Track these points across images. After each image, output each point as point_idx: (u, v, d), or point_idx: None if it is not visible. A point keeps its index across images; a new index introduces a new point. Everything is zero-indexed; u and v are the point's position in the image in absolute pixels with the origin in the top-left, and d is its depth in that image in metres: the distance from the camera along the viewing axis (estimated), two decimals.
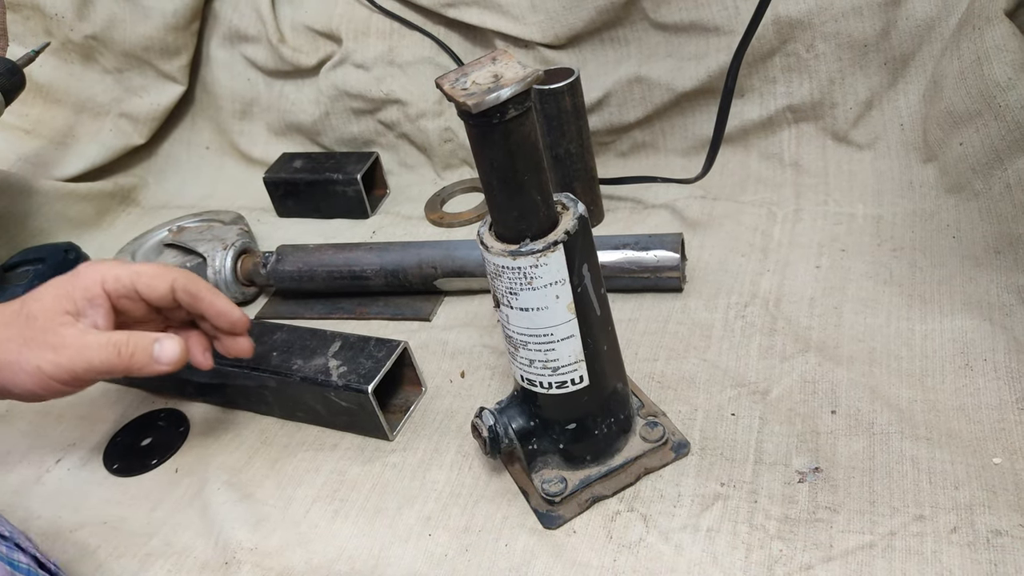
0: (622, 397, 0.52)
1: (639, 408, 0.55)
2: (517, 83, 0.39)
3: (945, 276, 0.61)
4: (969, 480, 0.47)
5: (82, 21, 0.94)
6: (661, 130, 0.82)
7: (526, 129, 0.41)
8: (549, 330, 0.46)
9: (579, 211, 0.45)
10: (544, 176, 0.43)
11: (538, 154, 0.42)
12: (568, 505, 0.51)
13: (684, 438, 0.53)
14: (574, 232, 0.44)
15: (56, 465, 0.65)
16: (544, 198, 0.44)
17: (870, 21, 0.70)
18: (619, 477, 0.52)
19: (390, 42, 0.89)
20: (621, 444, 0.53)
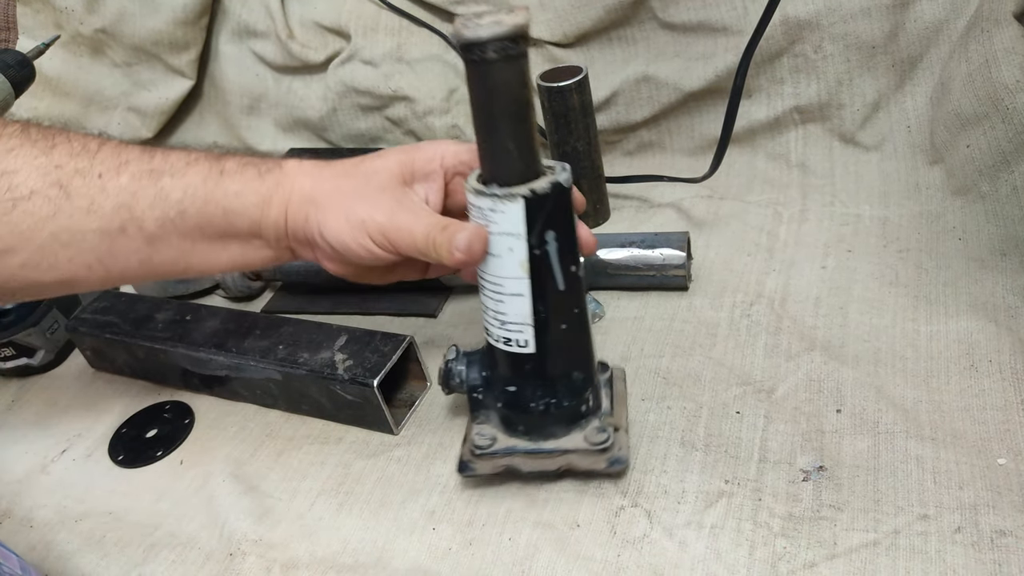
0: (575, 386, 0.51)
1: (602, 413, 0.53)
2: (495, 26, 0.40)
3: (951, 277, 0.61)
4: (973, 480, 0.47)
5: (92, 15, 0.95)
6: (668, 129, 0.82)
7: (506, 75, 0.42)
8: (500, 280, 0.47)
9: (559, 178, 0.45)
10: (523, 128, 0.44)
11: (518, 105, 0.43)
12: (485, 463, 0.52)
13: (626, 457, 0.51)
14: (542, 194, 0.44)
15: (62, 455, 0.65)
16: (520, 150, 0.44)
17: (878, 23, 0.70)
18: (542, 460, 0.52)
19: (398, 39, 0.90)
20: (558, 432, 0.52)
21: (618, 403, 0.55)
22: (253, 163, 0.50)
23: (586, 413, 0.52)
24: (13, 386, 0.74)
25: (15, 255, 0.46)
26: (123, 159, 0.48)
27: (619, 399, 0.55)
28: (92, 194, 0.46)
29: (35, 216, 0.45)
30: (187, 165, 0.49)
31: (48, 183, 0.46)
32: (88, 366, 0.74)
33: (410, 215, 0.48)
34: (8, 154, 0.45)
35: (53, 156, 0.46)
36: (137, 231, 0.48)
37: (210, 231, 0.49)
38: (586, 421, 0.52)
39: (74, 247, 0.47)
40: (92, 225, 0.47)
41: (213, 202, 0.48)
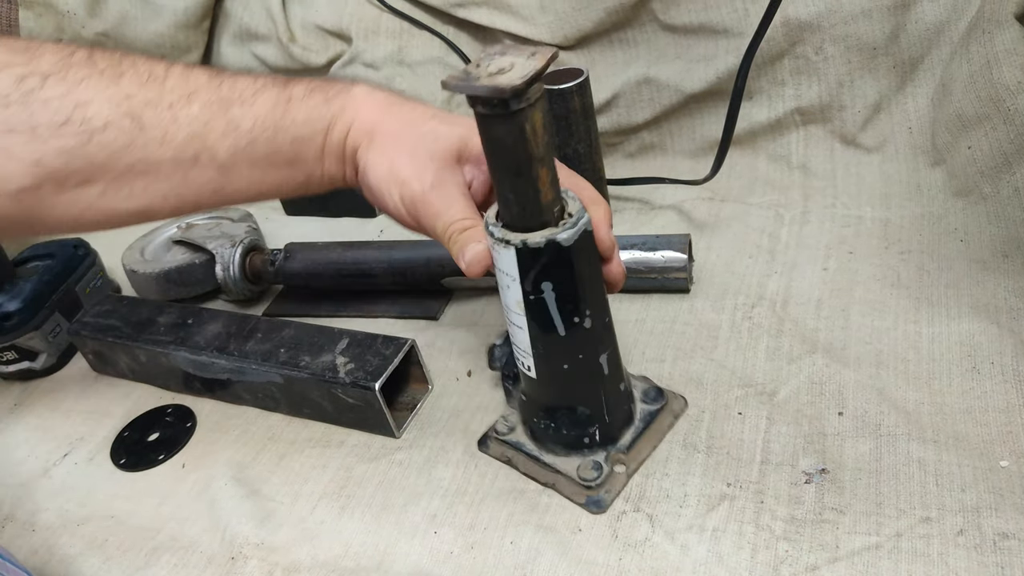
0: (578, 419, 0.52)
1: (615, 447, 0.53)
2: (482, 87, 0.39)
3: (953, 279, 0.61)
4: (976, 483, 0.47)
5: (94, 18, 0.95)
6: (669, 131, 0.82)
7: (499, 131, 0.41)
8: (507, 305, 0.48)
9: (559, 236, 0.44)
10: (521, 182, 0.43)
11: (515, 160, 0.42)
12: (496, 447, 0.56)
13: (606, 502, 0.51)
14: (533, 247, 0.44)
15: (64, 459, 0.65)
16: (518, 202, 0.44)
17: (879, 24, 0.70)
18: (536, 469, 0.54)
19: (400, 42, 0.90)
20: (559, 450, 0.53)
21: (646, 440, 0.54)
22: (321, 88, 0.50)
23: (590, 444, 0.53)
24: (15, 390, 0.74)
25: (93, 185, 0.47)
26: (192, 87, 0.48)
27: (651, 435, 0.54)
28: (165, 125, 0.47)
29: (111, 147, 0.46)
30: (255, 93, 0.49)
31: (121, 113, 0.46)
32: (90, 369, 0.74)
33: (443, 199, 0.48)
34: (79, 84, 0.46)
35: (123, 85, 0.46)
36: (210, 160, 0.48)
37: (279, 159, 0.50)
38: (590, 451, 0.53)
39: (150, 176, 0.48)
40: (167, 155, 0.47)
41: (283, 130, 0.49)
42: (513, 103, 0.40)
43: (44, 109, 0.45)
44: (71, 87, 0.45)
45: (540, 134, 0.41)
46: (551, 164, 0.43)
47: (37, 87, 0.45)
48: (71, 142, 0.45)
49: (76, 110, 0.45)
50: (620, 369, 0.52)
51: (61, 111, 0.45)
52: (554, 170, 0.44)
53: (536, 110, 0.41)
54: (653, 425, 0.54)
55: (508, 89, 0.38)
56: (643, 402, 0.55)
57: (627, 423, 0.54)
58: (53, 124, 0.45)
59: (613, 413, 0.53)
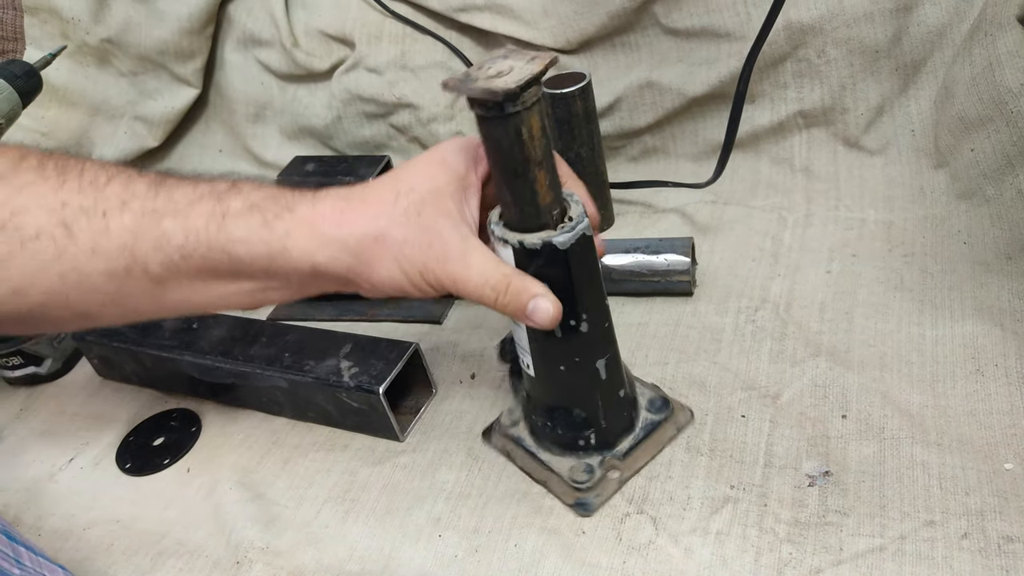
0: (574, 421, 0.52)
1: (612, 452, 0.53)
2: (476, 89, 0.40)
3: (956, 282, 0.61)
4: (980, 486, 0.47)
5: (98, 25, 0.95)
6: (672, 135, 0.82)
7: (496, 132, 0.42)
8: None
9: (555, 240, 0.44)
10: (518, 183, 0.43)
11: (512, 161, 0.42)
12: (498, 439, 0.58)
13: (593, 505, 0.51)
14: (531, 249, 0.45)
15: (69, 464, 0.66)
16: (516, 202, 0.44)
17: (881, 27, 0.70)
18: (532, 465, 0.55)
19: (402, 47, 0.90)
20: (556, 449, 0.54)
21: (644, 449, 0.54)
22: (259, 207, 0.46)
23: (585, 447, 0.53)
24: (21, 395, 0.75)
25: (27, 295, 0.45)
26: (129, 194, 0.45)
27: (650, 445, 0.54)
28: (96, 235, 0.45)
29: (41, 257, 0.44)
30: (190, 204, 0.46)
31: (54, 223, 0.44)
32: (95, 374, 0.75)
33: (476, 268, 0.45)
34: (20, 191, 0.44)
35: (62, 193, 0.45)
36: (142, 273, 0.46)
37: (219, 272, 0.47)
38: (585, 453, 0.53)
39: (83, 287, 0.45)
40: (98, 267, 0.45)
41: (217, 248, 0.45)
42: (508, 106, 0.40)
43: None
44: (12, 193, 0.44)
45: (537, 137, 0.42)
46: (550, 167, 0.43)
47: None
48: (3, 249, 0.43)
49: (12, 217, 0.43)
50: (620, 376, 0.52)
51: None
52: (553, 174, 0.44)
53: (533, 114, 0.41)
54: (654, 435, 0.54)
55: (501, 92, 0.39)
56: (647, 410, 0.55)
57: (627, 430, 0.54)
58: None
59: (610, 419, 0.53)
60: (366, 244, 0.45)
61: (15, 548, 0.46)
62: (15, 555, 0.46)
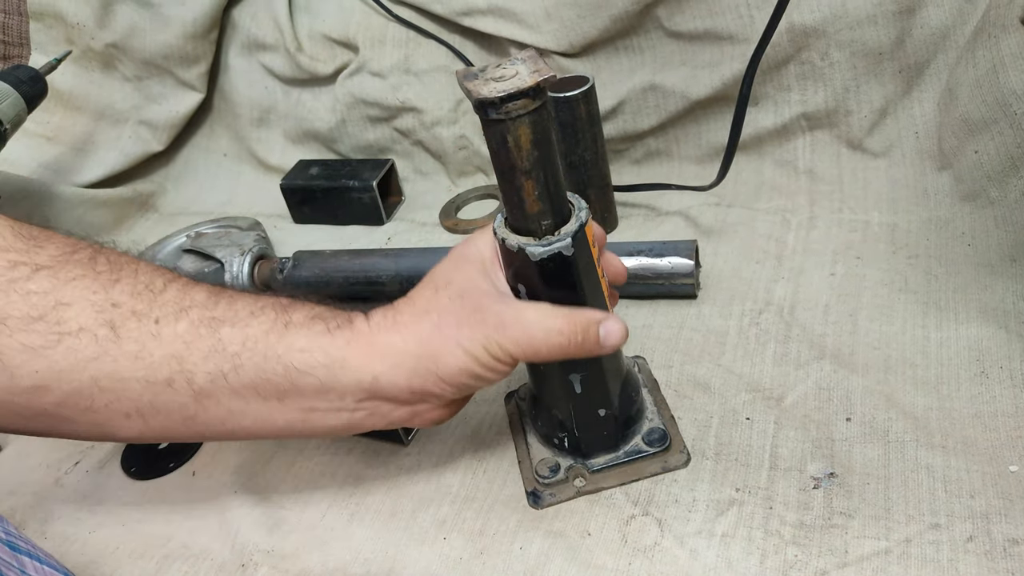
0: (552, 420, 0.53)
1: (581, 461, 0.53)
2: (464, 85, 0.41)
3: (960, 284, 0.61)
4: (985, 489, 0.47)
5: (103, 30, 0.96)
6: (675, 138, 0.83)
7: (492, 133, 0.42)
8: None
9: (530, 249, 0.44)
10: (509, 187, 0.44)
11: (505, 164, 0.43)
12: (510, 407, 0.60)
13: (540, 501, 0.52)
14: (508, 248, 0.45)
15: (75, 467, 0.66)
16: (507, 202, 0.45)
17: (885, 29, 0.70)
18: (519, 441, 0.57)
19: (406, 50, 0.90)
20: (538, 438, 0.56)
21: (619, 473, 0.53)
22: (321, 316, 0.46)
23: (560, 447, 0.54)
24: None
25: (49, 393, 0.43)
26: (186, 303, 0.44)
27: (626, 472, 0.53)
28: (143, 339, 0.43)
29: (78, 355, 0.42)
30: (251, 315, 0.45)
31: (100, 322, 0.43)
32: None
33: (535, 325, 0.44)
34: (68, 284, 0.43)
35: (113, 292, 0.43)
36: (185, 384, 0.44)
37: (266, 389, 0.45)
38: (560, 452, 0.54)
39: (114, 394, 0.44)
40: (137, 373, 0.43)
41: (274, 358, 0.44)
42: (491, 111, 0.40)
43: (22, 301, 0.41)
44: (59, 284, 0.42)
45: (525, 149, 0.42)
46: (541, 179, 0.43)
47: (25, 277, 0.42)
48: (38, 340, 0.41)
49: (55, 309, 0.42)
50: (605, 397, 0.51)
51: (39, 306, 0.42)
52: (547, 186, 0.43)
53: (521, 125, 0.41)
54: (635, 464, 0.53)
55: (474, 98, 0.40)
56: (642, 439, 0.54)
57: (606, 449, 0.53)
58: (26, 318, 0.41)
59: (585, 432, 0.53)
60: (425, 338, 0.45)
61: (19, 559, 0.46)
62: (19, 565, 0.45)
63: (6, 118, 0.76)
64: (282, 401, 0.45)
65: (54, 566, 0.47)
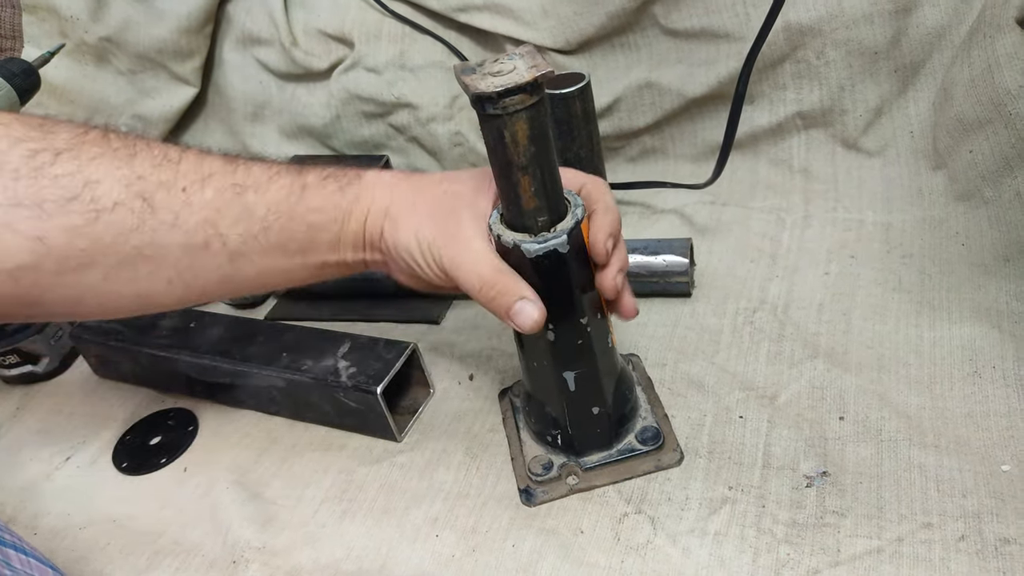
0: (544, 415, 0.53)
1: (574, 458, 0.54)
2: (460, 79, 0.41)
3: (954, 283, 0.61)
4: (977, 488, 0.47)
5: (97, 23, 0.95)
6: (671, 135, 0.82)
7: (487, 127, 0.42)
8: None
9: (525, 245, 0.45)
10: (505, 183, 0.44)
11: (500, 159, 0.43)
12: (505, 402, 0.61)
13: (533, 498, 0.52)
14: (503, 244, 0.46)
15: (66, 463, 0.65)
16: (504, 197, 0.45)
17: (880, 29, 0.70)
18: (512, 437, 0.57)
19: (401, 46, 0.90)
20: (531, 435, 0.56)
21: (611, 471, 0.53)
22: (334, 175, 0.50)
23: (553, 444, 0.54)
24: (17, 393, 0.75)
25: (96, 268, 0.44)
26: (207, 171, 0.47)
27: (619, 470, 0.53)
28: (177, 208, 0.45)
29: (119, 228, 0.44)
30: (270, 180, 0.48)
31: (132, 194, 0.44)
32: (92, 373, 0.74)
33: (471, 256, 0.47)
34: (91, 162, 0.44)
35: (135, 166, 0.45)
36: (221, 247, 0.47)
37: (292, 247, 0.49)
38: (553, 449, 0.54)
39: (156, 261, 0.46)
40: (176, 239, 0.45)
41: (297, 218, 0.48)
42: (488, 106, 0.40)
43: (53, 185, 0.43)
44: (83, 164, 0.44)
45: (522, 144, 0.42)
46: (538, 175, 0.43)
47: (48, 163, 0.43)
48: (77, 220, 0.43)
49: (86, 188, 0.43)
50: (599, 395, 0.51)
51: (70, 188, 0.43)
52: (543, 182, 0.43)
53: (518, 120, 0.41)
54: (628, 462, 0.53)
55: (471, 93, 0.40)
56: (636, 437, 0.54)
57: (599, 447, 0.53)
58: (61, 200, 0.43)
59: (578, 430, 0.53)
60: (402, 208, 0.49)
61: (3, 551, 0.46)
62: (3, 558, 0.45)
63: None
64: (304, 256, 0.50)
65: (40, 559, 0.47)
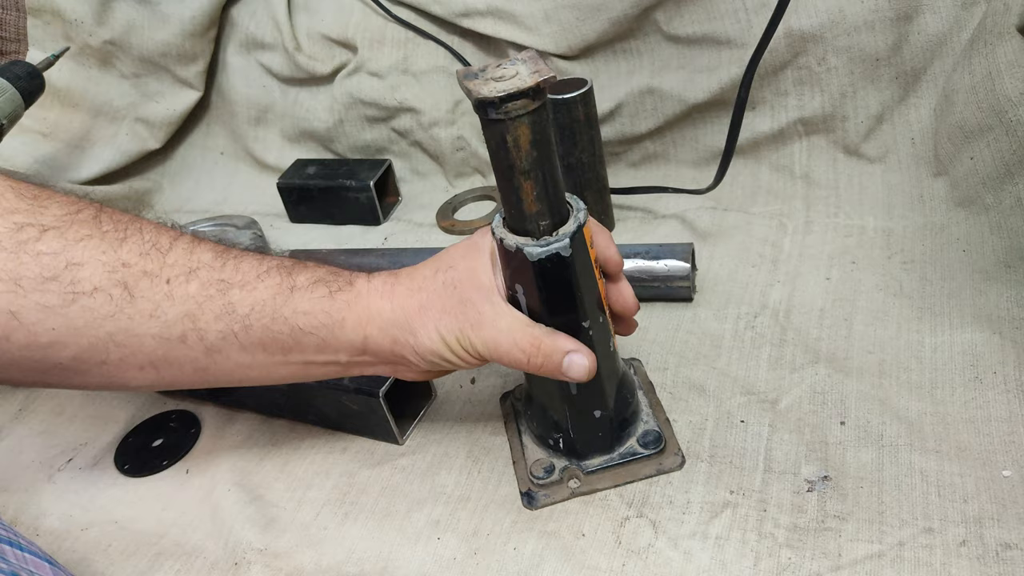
0: (547, 419, 0.53)
1: (577, 462, 0.53)
2: (463, 84, 0.41)
3: (955, 289, 0.61)
4: (978, 493, 0.47)
5: (101, 26, 0.95)
6: (672, 141, 0.83)
7: (489, 132, 0.42)
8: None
9: (528, 248, 0.44)
10: (506, 185, 0.44)
11: (502, 162, 0.43)
12: (506, 407, 0.61)
13: (535, 502, 0.52)
14: (506, 248, 0.45)
15: (68, 464, 0.66)
16: (504, 200, 0.45)
17: (882, 36, 0.71)
18: (513, 441, 0.57)
19: (404, 51, 0.90)
20: (532, 439, 0.56)
21: (613, 475, 0.53)
22: (324, 280, 0.49)
23: (555, 448, 0.54)
24: (20, 395, 0.75)
25: (66, 348, 0.45)
26: (194, 264, 0.47)
27: (621, 473, 0.53)
28: (158, 299, 0.45)
29: (94, 314, 0.44)
30: (258, 277, 0.48)
31: (113, 282, 0.45)
32: None
33: (505, 336, 0.47)
34: (77, 244, 0.44)
35: (121, 252, 0.45)
36: (198, 341, 0.47)
37: (273, 347, 0.48)
38: (555, 453, 0.54)
39: (129, 348, 0.46)
40: (152, 330, 0.46)
41: (281, 320, 0.48)
42: (491, 111, 0.40)
43: (34, 262, 0.43)
44: (68, 244, 0.44)
45: (525, 149, 0.42)
46: (540, 180, 0.43)
47: (34, 239, 0.43)
48: (54, 300, 0.43)
49: (67, 269, 0.44)
50: (601, 398, 0.52)
51: (51, 267, 0.43)
52: (547, 186, 0.44)
53: (520, 124, 0.41)
54: (629, 466, 0.53)
55: (474, 98, 0.40)
56: (637, 441, 0.54)
57: (601, 450, 0.53)
58: (39, 279, 0.43)
59: (580, 433, 0.53)
60: (411, 313, 0.48)
61: None
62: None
63: (2, 114, 0.76)
64: (286, 356, 0.49)
65: (37, 554, 0.47)
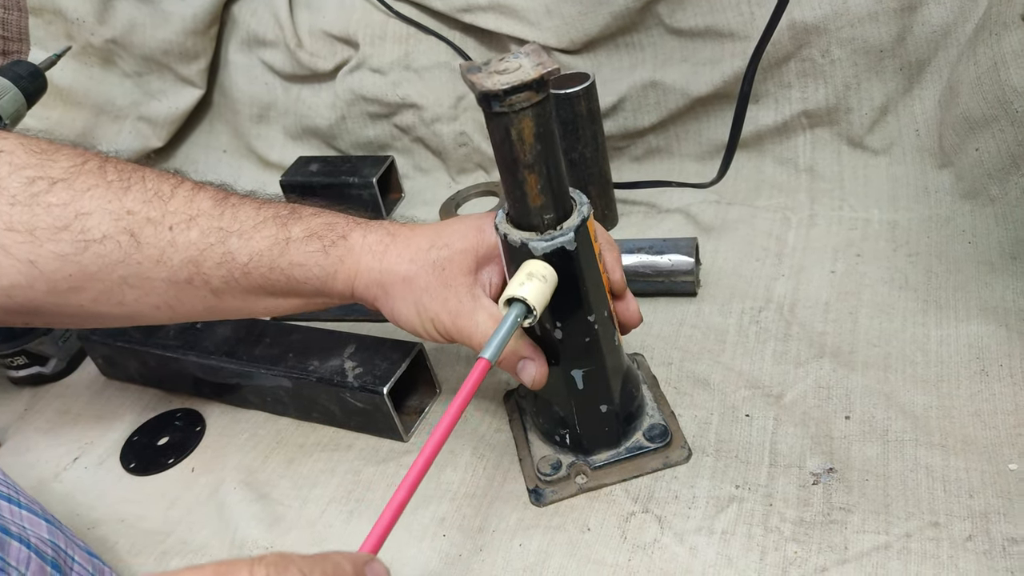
0: (553, 415, 0.53)
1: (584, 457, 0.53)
2: (466, 78, 0.41)
3: (961, 282, 0.61)
4: (984, 487, 0.47)
5: (103, 25, 0.95)
6: (676, 135, 0.82)
7: (492, 125, 0.42)
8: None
9: (532, 243, 0.44)
10: (510, 179, 0.44)
11: (505, 156, 0.43)
12: (511, 404, 0.61)
13: (543, 498, 0.52)
14: (509, 242, 0.46)
15: (74, 463, 0.66)
16: (508, 194, 0.45)
17: (886, 27, 0.70)
18: (519, 438, 0.57)
19: (406, 47, 0.90)
20: (538, 435, 0.56)
21: (620, 469, 0.53)
22: (319, 234, 0.51)
23: (561, 444, 0.54)
24: (26, 394, 0.75)
25: (84, 292, 0.48)
26: (194, 211, 0.49)
27: (628, 468, 0.53)
28: (162, 246, 0.49)
29: (105, 259, 0.48)
30: (255, 227, 0.50)
31: (119, 229, 0.48)
32: (100, 374, 0.75)
33: (480, 329, 0.48)
34: (85, 194, 0.47)
35: (126, 200, 0.48)
36: (203, 284, 0.50)
37: (272, 290, 0.52)
38: (561, 449, 0.54)
39: (142, 290, 0.50)
40: (160, 274, 0.49)
41: (278, 270, 0.51)
42: (494, 104, 0.40)
43: (46, 213, 0.46)
44: (76, 195, 0.47)
45: (529, 142, 0.42)
46: (544, 173, 0.43)
47: (44, 191, 0.46)
48: (67, 248, 0.47)
49: (77, 219, 0.47)
50: (605, 392, 0.51)
51: (62, 217, 0.47)
52: (550, 180, 0.44)
53: (525, 117, 0.41)
54: (636, 460, 0.53)
55: (478, 91, 0.40)
56: (643, 435, 0.54)
57: (608, 445, 0.53)
58: (52, 228, 0.46)
59: (586, 428, 0.53)
60: (395, 281, 0.50)
61: None
62: None
63: (5, 114, 0.76)
64: (287, 298, 0.53)
65: (35, 512, 0.47)
